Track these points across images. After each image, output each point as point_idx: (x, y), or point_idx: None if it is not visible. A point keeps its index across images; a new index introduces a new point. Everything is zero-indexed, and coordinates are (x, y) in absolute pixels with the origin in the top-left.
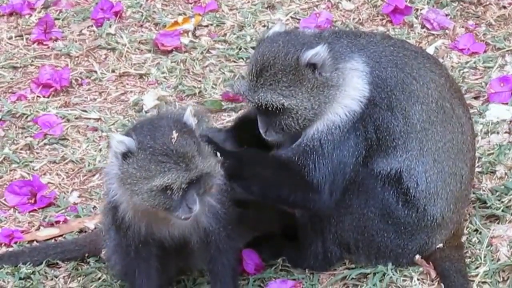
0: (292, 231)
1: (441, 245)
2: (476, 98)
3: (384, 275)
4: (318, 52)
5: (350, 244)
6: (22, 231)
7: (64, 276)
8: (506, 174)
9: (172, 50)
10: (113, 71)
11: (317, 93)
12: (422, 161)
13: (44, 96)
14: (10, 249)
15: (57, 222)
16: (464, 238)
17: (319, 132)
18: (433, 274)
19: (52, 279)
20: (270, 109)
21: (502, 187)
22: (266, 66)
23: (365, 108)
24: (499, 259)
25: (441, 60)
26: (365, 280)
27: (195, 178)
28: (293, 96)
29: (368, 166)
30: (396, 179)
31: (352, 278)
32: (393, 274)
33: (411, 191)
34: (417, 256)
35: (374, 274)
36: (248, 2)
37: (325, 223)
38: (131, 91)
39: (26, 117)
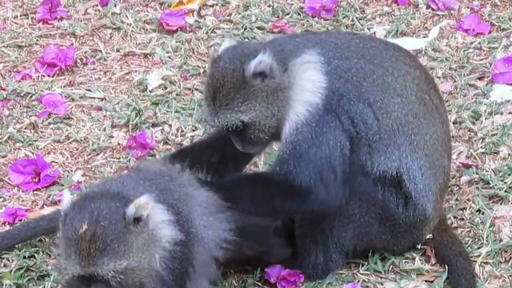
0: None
1: (430, 235)
2: (480, 78)
3: (386, 258)
4: (261, 60)
5: (349, 250)
6: (26, 210)
7: None
8: (509, 154)
9: (177, 30)
10: (117, 50)
11: (273, 99)
12: (416, 157)
13: (48, 75)
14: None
15: (61, 200)
16: (466, 218)
17: (289, 136)
18: (433, 260)
19: (55, 258)
20: (230, 129)
21: (505, 167)
22: (218, 88)
23: (329, 99)
24: (501, 240)
25: (445, 40)
26: (366, 259)
27: (87, 276)
28: (251, 109)
29: (367, 170)
30: (397, 181)
31: (353, 258)
32: (395, 258)
33: (412, 193)
34: (419, 246)
35: (373, 254)
36: None
37: (326, 233)
38: (135, 71)
39: (31, 96)
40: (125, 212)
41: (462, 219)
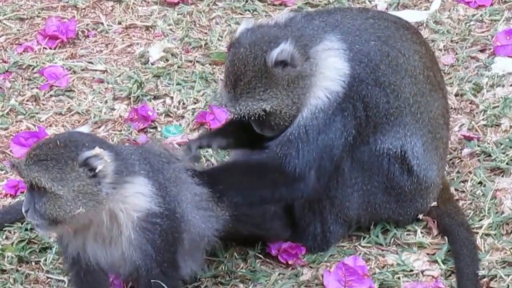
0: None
1: (435, 203)
2: (482, 51)
3: (387, 231)
4: (283, 49)
5: (352, 221)
6: None
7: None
8: (511, 127)
9: (178, 2)
10: (119, 23)
11: (294, 87)
12: (420, 135)
13: (50, 48)
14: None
15: None
16: (468, 191)
17: (303, 119)
18: (435, 232)
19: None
20: (252, 117)
21: (507, 140)
22: (239, 76)
23: (350, 86)
24: (503, 212)
25: (447, 13)
26: (367, 232)
27: (28, 180)
28: (272, 97)
29: (370, 146)
30: (400, 157)
31: (354, 231)
32: (397, 230)
33: (415, 168)
34: (421, 216)
35: (375, 226)
36: None
37: (325, 204)
38: (137, 43)
39: (33, 69)
40: (82, 153)
41: (464, 192)
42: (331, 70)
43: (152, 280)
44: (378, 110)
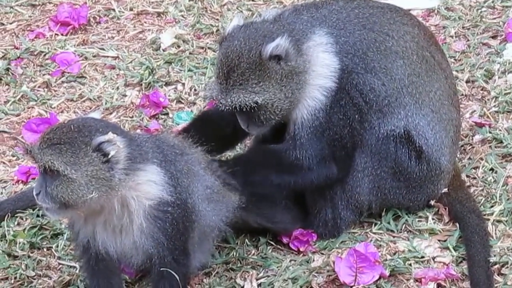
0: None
1: (445, 189)
2: (493, 37)
3: (399, 217)
4: (279, 44)
5: (363, 207)
6: None
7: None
8: None
9: None
10: (131, 9)
11: (287, 82)
12: (422, 114)
13: (62, 34)
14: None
15: None
16: (479, 177)
17: (306, 121)
18: (447, 218)
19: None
20: (244, 109)
21: None
22: (233, 67)
23: (340, 79)
24: None
25: None
26: (379, 219)
27: (41, 164)
28: (265, 91)
29: (375, 129)
30: (406, 137)
31: (366, 218)
32: (408, 217)
33: (424, 148)
34: (432, 202)
35: (387, 212)
36: None
37: (336, 190)
38: (149, 30)
39: (44, 55)
40: (95, 138)
41: (475, 178)
42: (322, 67)
43: (162, 269)
44: (375, 95)
